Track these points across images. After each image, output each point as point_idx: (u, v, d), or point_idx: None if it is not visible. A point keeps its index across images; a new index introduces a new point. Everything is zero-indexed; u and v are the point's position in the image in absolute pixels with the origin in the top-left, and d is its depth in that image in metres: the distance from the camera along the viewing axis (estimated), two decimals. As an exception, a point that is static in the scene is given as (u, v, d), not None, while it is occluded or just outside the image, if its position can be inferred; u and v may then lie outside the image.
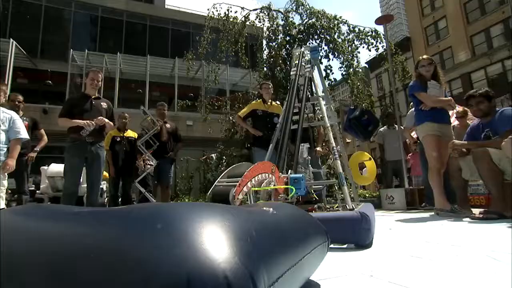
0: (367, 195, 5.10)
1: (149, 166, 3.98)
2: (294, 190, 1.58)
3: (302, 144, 2.45)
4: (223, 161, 6.31)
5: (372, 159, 6.51)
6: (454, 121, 3.97)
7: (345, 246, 1.51)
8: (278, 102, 4.15)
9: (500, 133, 2.55)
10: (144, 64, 15.63)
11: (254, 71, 8.19)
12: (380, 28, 5.71)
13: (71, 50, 14.91)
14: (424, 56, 3.21)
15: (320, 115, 2.63)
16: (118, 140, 4.81)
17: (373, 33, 5.81)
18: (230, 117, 5.88)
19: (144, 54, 15.98)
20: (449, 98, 3.10)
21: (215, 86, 7.00)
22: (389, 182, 5.66)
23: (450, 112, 3.58)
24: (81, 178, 3.39)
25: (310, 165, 2.43)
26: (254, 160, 3.96)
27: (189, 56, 6.45)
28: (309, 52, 2.93)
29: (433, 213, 3.02)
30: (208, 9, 6.33)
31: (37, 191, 4.99)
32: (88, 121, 3.13)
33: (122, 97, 15.22)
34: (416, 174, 5.82)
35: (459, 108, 4.05)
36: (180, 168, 8.46)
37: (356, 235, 1.47)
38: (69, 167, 3.28)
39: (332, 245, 1.18)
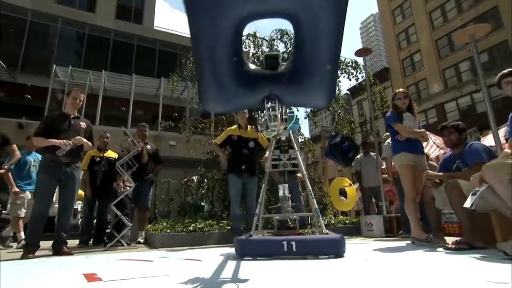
0: (347, 221, 5.12)
1: (128, 188, 3.87)
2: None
3: (283, 184, 2.81)
4: (204, 184, 6.23)
5: (352, 184, 6.66)
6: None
7: (327, 256, 2.19)
8: (254, 127, 4.23)
9: (469, 165, 2.69)
10: (129, 82, 15.58)
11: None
12: (360, 60, 6.00)
13: (55, 65, 14.70)
14: (400, 90, 3.40)
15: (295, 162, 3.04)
16: (97, 160, 4.69)
17: (353, 64, 6.10)
18: (213, 140, 5.88)
19: (130, 73, 15.97)
20: (423, 130, 3.27)
21: (200, 108, 7.02)
22: (367, 208, 5.74)
23: (425, 144, 3.77)
24: (54, 198, 3.25)
25: (289, 201, 2.77)
26: (230, 186, 3.96)
27: (174, 78, 6.51)
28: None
29: (409, 241, 3.07)
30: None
31: (3, 211, 4.68)
32: (64, 141, 3.04)
33: (105, 114, 14.96)
34: (391, 201, 5.94)
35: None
36: (160, 190, 8.25)
37: (338, 249, 2.26)
38: (40, 188, 3.14)
39: (321, 256, 2.20)
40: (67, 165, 3.14)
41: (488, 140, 5.38)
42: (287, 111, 2.19)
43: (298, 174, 4.34)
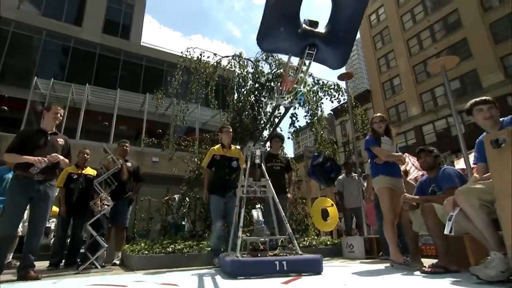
0: (328, 242, 5.12)
1: (105, 206, 3.74)
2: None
3: (256, 209, 3.05)
4: (186, 202, 6.11)
5: (334, 205, 6.71)
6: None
7: (307, 273, 2.46)
8: (238, 147, 4.25)
9: (443, 189, 2.79)
10: (113, 97, 15.40)
11: (225, 112, 8.40)
12: (343, 83, 6.22)
13: (36, 77, 14.38)
14: (377, 114, 3.53)
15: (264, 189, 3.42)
16: (75, 177, 4.52)
17: (336, 87, 6.32)
18: (195, 159, 5.84)
19: (115, 87, 15.82)
20: (400, 153, 3.39)
21: (183, 125, 7.01)
22: (349, 229, 5.78)
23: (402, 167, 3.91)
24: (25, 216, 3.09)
25: (264, 225, 3.05)
26: (211, 206, 3.91)
27: (159, 95, 6.51)
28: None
29: (388, 264, 3.10)
30: (182, 52, 6.57)
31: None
32: (39, 158, 2.94)
33: (87, 128, 14.64)
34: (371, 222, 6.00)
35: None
36: (140, 208, 8.01)
37: (317, 268, 2.64)
38: (10, 206, 2.97)
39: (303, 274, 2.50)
40: (41, 183, 3.02)
41: (461, 163, 5.62)
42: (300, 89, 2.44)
43: (289, 195, 4.59)
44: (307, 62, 2.28)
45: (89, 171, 4.71)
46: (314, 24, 2.22)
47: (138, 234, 7.18)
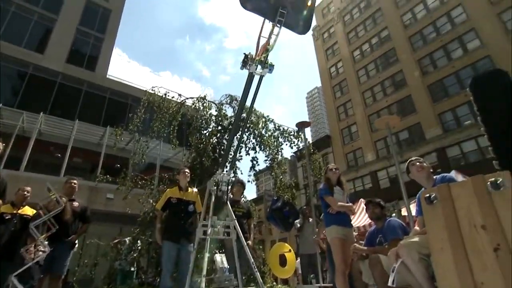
0: (285, 291, 4.98)
1: (40, 253, 3.34)
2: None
3: (220, 254, 2.95)
4: (137, 246, 5.69)
5: (292, 250, 6.66)
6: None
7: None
8: (196, 190, 4.17)
9: (387, 241, 2.95)
10: (70, 128, 14.60)
11: (187, 149, 8.30)
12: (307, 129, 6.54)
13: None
14: (331, 165, 3.75)
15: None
16: (7, 218, 4.03)
17: (295, 133, 6.65)
18: (151, 200, 5.59)
19: (73, 118, 15.07)
20: (350, 204, 3.58)
21: (142, 163, 6.77)
22: (305, 276, 5.70)
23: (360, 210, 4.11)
24: None
25: (227, 272, 2.81)
26: (163, 253, 3.70)
27: (118, 131, 6.33)
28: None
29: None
30: (147, 90, 6.59)
31: None
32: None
33: (36, 159, 13.48)
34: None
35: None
36: (84, 253, 7.26)
37: None
38: None
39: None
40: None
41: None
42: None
43: (250, 242, 4.32)
44: (276, 29, 2.57)
45: (27, 210, 4.24)
46: None
47: (79, 283, 6.41)
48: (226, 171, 3.41)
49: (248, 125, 6.32)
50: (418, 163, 2.66)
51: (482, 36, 20.78)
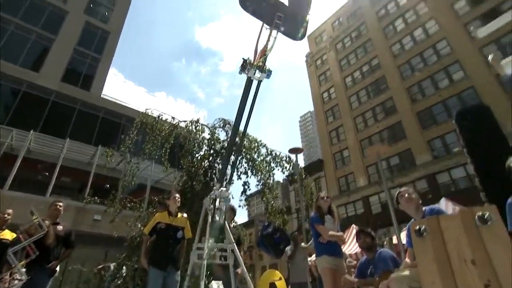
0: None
1: (16, 282, 3.17)
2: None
3: (217, 282, 2.77)
4: (122, 273, 5.46)
5: (282, 278, 6.46)
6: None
7: None
8: (185, 215, 4.08)
9: (378, 272, 2.91)
10: (60, 146, 14.40)
11: (179, 171, 8.21)
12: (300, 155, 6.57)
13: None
14: (322, 193, 3.75)
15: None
16: (-17, 243, 3.85)
17: (287, 159, 6.67)
18: (139, 224, 5.45)
19: (65, 136, 14.91)
20: (341, 233, 3.55)
21: (132, 185, 6.65)
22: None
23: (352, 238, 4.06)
24: None
25: None
26: (149, 280, 3.55)
27: (109, 153, 6.27)
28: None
29: None
30: (140, 112, 6.61)
31: None
32: None
33: (22, 177, 13.14)
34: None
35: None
36: (65, 280, 6.92)
37: None
38: None
39: None
40: None
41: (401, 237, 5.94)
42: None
43: (238, 270, 3.98)
44: (274, 33, 2.71)
45: (6, 234, 4.06)
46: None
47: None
48: (225, 187, 3.15)
49: (240, 149, 6.34)
50: (406, 195, 2.69)
51: (466, 68, 21.76)
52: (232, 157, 5.00)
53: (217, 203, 2.98)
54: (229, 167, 4.80)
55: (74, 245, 4.40)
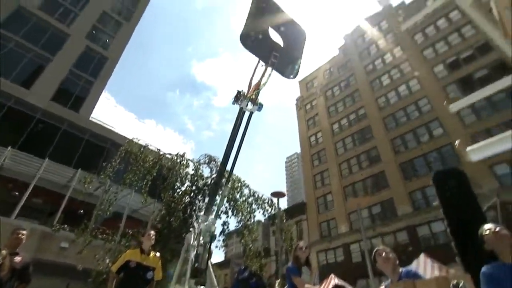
0: None
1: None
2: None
3: None
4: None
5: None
6: None
7: None
8: (158, 254, 3.89)
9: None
10: (38, 166, 13.87)
11: (159, 202, 7.96)
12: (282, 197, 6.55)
13: None
14: (301, 243, 3.71)
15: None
16: None
17: (270, 201, 6.63)
18: (107, 260, 5.14)
19: (44, 156, 14.44)
20: (317, 286, 3.45)
21: (107, 215, 6.38)
22: None
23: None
24: None
25: None
26: None
27: (88, 179, 6.10)
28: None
29: None
30: (127, 140, 6.57)
31: None
32: None
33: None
34: None
35: None
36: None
37: None
38: None
39: None
40: None
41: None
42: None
43: None
44: (269, 69, 2.87)
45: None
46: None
47: None
48: (211, 219, 2.80)
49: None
50: (384, 254, 2.70)
51: (445, 125, 23.06)
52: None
53: (201, 238, 2.70)
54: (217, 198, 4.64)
55: (30, 279, 4.05)
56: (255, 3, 2.91)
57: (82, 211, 12.69)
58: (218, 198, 4.61)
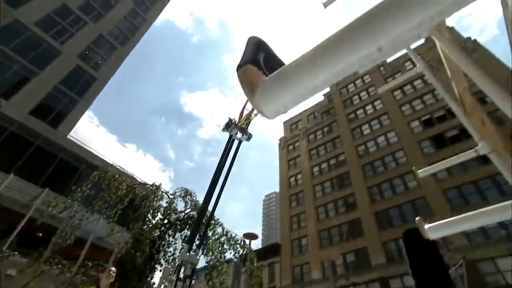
0: None
1: None
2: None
3: None
4: None
5: None
6: None
7: None
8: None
9: None
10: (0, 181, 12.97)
11: (127, 231, 7.54)
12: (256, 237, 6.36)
13: None
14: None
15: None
16: None
17: (242, 242, 6.42)
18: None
19: (9, 171, 13.58)
20: None
21: (67, 244, 5.94)
22: None
23: None
24: None
25: None
26: None
27: (53, 203, 5.76)
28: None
29: None
30: (101, 166, 6.37)
31: None
32: None
33: None
34: None
35: None
36: None
37: None
38: None
39: None
40: None
41: None
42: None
43: None
44: None
45: None
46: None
47: None
48: (194, 250, 2.72)
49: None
50: None
51: (418, 178, 23.95)
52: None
53: (181, 270, 2.53)
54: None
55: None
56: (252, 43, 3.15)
57: (41, 234, 11.77)
58: (202, 227, 4.47)
